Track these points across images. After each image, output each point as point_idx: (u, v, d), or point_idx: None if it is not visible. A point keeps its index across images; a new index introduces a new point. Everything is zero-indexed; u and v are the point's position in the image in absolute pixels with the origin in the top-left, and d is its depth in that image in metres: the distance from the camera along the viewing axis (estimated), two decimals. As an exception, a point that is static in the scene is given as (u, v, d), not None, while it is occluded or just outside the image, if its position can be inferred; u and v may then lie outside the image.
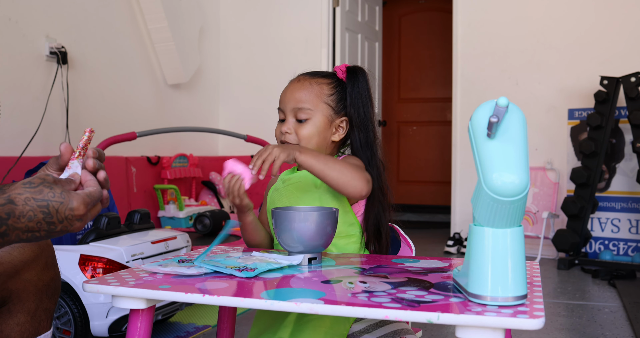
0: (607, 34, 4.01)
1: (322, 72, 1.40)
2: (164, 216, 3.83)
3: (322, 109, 1.33)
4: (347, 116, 1.36)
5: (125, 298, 0.94)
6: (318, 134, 1.33)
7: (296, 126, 1.32)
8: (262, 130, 4.31)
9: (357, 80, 1.36)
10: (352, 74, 1.37)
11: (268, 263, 1.06)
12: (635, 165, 3.76)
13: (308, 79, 1.36)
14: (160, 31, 3.96)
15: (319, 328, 1.11)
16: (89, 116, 3.46)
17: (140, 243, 2.08)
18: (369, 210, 1.32)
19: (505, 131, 0.81)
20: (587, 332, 2.37)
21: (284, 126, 1.33)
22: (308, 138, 1.32)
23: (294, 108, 1.32)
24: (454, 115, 4.48)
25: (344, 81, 1.37)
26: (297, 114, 1.32)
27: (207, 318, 2.47)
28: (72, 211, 0.85)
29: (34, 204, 0.83)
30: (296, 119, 1.33)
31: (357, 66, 1.40)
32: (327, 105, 1.34)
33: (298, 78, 1.38)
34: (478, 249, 0.83)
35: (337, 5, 4.59)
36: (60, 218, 0.84)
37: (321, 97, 1.34)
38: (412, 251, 1.36)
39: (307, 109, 1.32)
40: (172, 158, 4.01)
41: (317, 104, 1.33)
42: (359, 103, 1.35)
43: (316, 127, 1.33)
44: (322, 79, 1.36)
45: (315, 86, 1.34)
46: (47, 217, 0.84)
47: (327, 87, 1.35)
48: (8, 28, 2.98)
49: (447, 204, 4.76)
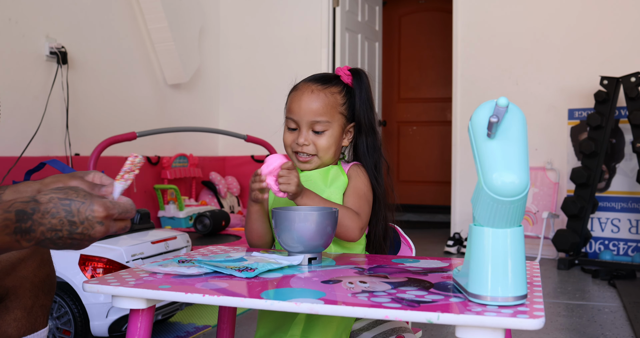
0: (607, 34, 4.01)
1: (329, 78, 1.38)
2: (164, 216, 3.83)
3: (337, 120, 1.34)
4: (355, 120, 1.37)
5: (125, 298, 0.94)
6: (335, 144, 1.35)
7: (313, 138, 1.33)
8: (262, 130, 4.31)
9: (363, 84, 1.37)
10: (358, 78, 1.37)
11: (268, 263, 1.06)
12: (635, 165, 3.76)
13: (322, 90, 1.34)
14: (160, 31, 3.96)
15: (330, 324, 1.12)
16: (89, 116, 3.46)
17: (140, 243, 2.08)
18: (376, 213, 1.34)
19: (505, 131, 0.81)
20: (587, 332, 2.37)
21: (301, 138, 1.33)
22: (326, 149, 1.33)
23: (312, 121, 1.32)
24: (454, 115, 4.48)
25: (349, 86, 1.37)
26: (314, 126, 1.32)
27: (207, 318, 2.47)
28: (92, 213, 0.87)
29: (58, 202, 0.86)
30: (312, 131, 1.33)
31: (359, 68, 1.40)
32: (341, 115, 1.35)
33: (310, 88, 1.34)
34: (478, 249, 0.83)
35: (337, 5, 4.59)
36: (82, 218, 0.86)
37: (336, 108, 1.34)
38: (412, 251, 1.36)
39: (325, 122, 1.32)
40: (172, 158, 4.01)
41: (334, 115, 1.34)
42: (366, 108, 1.37)
43: (334, 138, 1.34)
44: (334, 87, 1.35)
45: (330, 97, 1.34)
46: (68, 215, 0.86)
47: (340, 96, 1.35)
48: (8, 28, 2.98)
49: (447, 204, 4.76)
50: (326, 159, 1.35)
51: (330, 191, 1.31)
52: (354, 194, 1.31)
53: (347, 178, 1.34)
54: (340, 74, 1.38)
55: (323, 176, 1.34)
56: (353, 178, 1.34)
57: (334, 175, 1.34)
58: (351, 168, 1.36)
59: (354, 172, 1.35)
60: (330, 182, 1.33)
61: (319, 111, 1.32)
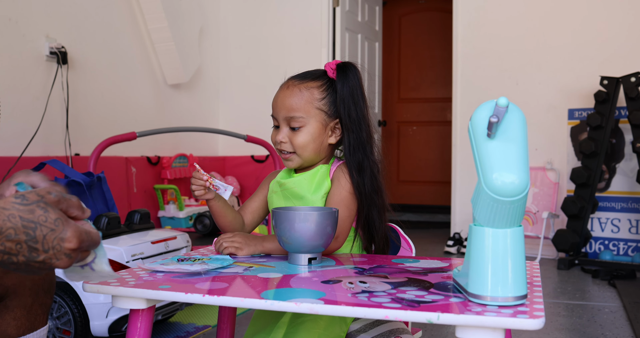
0: (607, 34, 4.01)
1: (312, 74, 1.33)
2: (164, 216, 3.83)
3: (314, 115, 1.29)
4: (338, 116, 1.31)
5: (125, 298, 0.94)
6: (313, 141, 1.29)
7: (290, 135, 1.29)
8: (262, 130, 4.30)
9: (346, 78, 1.30)
10: (342, 72, 1.30)
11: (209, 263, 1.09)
12: (635, 165, 3.76)
13: (297, 85, 1.30)
14: (160, 31, 3.96)
15: (313, 330, 1.10)
16: (89, 116, 3.46)
17: (140, 243, 2.08)
18: (359, 213, 1.29)
19: (505, 131, 0.81)
20: (587, 332, 2.37)
21: (278, 135, 1.30)
22: (303, 146, 1.29)
23: (286, 117, 1.29)
24: (454, 115, 4.48)
25: (334, 80, 1.31)
26: (290, 122, 1.29)
27: (207, 318, 2.47)
28: (62, 242, 0.74)
29: (19, 222, 0.72)
30: (290, 127, 1.30)
31: (347, 62, 1.33)
32: (319, 110, 1.29)
33: (287, 84, 1.31)
34: (478, 249, 0.83)
35: (337, 5, 4.59)
36: (47, 246, 0.73)
37: (312, 103, 1.29)
38: (412, 251, 1.36)
39: (300, 118, 1.28)
40: (172, 158, 4.01)
41: (309, 110, 1.28)
42: (349, 103, 1.29)
43: (310, 134, 1.29)
44: (312, 82, 1.31)
45: (305, 92, 1.29)
46: (30, 241, 0.73)
47: (318, 91, 1.30)
48: (8, 28, 2.98)
49: (447, 204, 4.76)
50: (306, 156, 1.30)
51: (313, 198, 1.28)
52: (332, 202, 1.27)
53: (330, 182, 1.30)
54: (326, 68, 1.33)
55: (309, 181, 1.30)
56: (334, 182, 1.29)
57: (319, 179, 1.31)
58: (335, 171, 1.31)
59: (336, 175, 1.30)
60: (315, 188, 1.29)
61: (293, 106, 1.28)
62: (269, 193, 1.38)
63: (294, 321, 1.13)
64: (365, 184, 1.27)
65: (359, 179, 1.27)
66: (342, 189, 1.27)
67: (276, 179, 1.37)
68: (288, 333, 1.11)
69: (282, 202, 1.32)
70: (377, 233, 1.30)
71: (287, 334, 1.11)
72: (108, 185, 2.31)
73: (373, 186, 1.28)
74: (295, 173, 1.36)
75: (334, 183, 1.29)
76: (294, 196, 1.31)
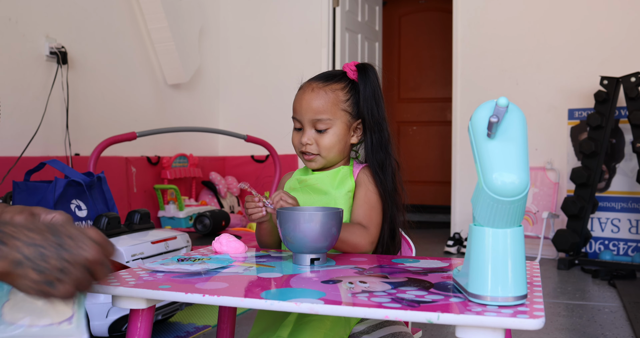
0: (607, 34, 4.01)
1: (332, 75, 1.35)
2: (164, 216, 3.83)
3: (340, 117, 1.31)
4: (361, 117, 1.34)
5: (125, 298, 0.94)
6: (339, 142, 1.32)
7: (316, 137, 1.31)
8: (262, 130, 4.31)
9: (368, 79, 1.33)
10: (363, 73, 1.33)
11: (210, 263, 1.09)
12: (635, 165, 3.76)
13: (322, 87, 1.31)
14: (160, 31, 3.96)
15: (319, 330, 1.11)
16: (89, 116, 3.46)
17: (140, 243, 2.08)
18: (385, 212, 1.31)
19: (505, 131, 0.81)
20: (587, 332, 2.37)
21: (304, 137, 1.31)
22: (330, 147, 1.31)
23: (313, 119, 1.30)
24: (454, 115, 4.48)
25: (355, 82, 1.34)
26: (316, 125, 1.30)
27: (207, 318, 2.47)
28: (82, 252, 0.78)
29: None
30: (315, 129, 1.31)
31: (366, 63, 1.36)
32: (344, 112, 1.32)
33: (311, 86, 1.32)
34: (478, 249, 0.83)
35: (337, 5, 4.59)
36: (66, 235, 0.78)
37: (338, 104, 1.31)
38: (412, 251, 1.36)
39: (327, 120, 1.30)
40: (172, 158, 4.01)
41: (335, 112, 1.30)
42: (371, 103, 1.32)
43: (337, 136, 1.31)
44: (336, 84, 1.33)
45: (331, 94, 1.31)
46: None
47: (342, 93, 1.32)
48: (8, 28, 2.98)
49: (447, 204, 4.76)
50: (330, 157, 1.33)
51: (337, 194, 1.30)
52: (363, 206, 1.28)
53: (355, 183, 1.31)
54: (346, 70, 1.35)
55: (332, 178, 1.32)
56: (362, 185, 1.31)
57: (342, 177, 1.32)
58: (360, 173, 1.33)
59: (362, 178, 1.32)
60: (337, 184, 1.31)
61: (319, 108, 1.30)
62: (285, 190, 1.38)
63: (300, 320, 1.14)
64: (388, 182, 1.30)
65: (383, 177, 1.30)
66: (371, 193, 1.30)
67: (294, 177, 1.38)
68: (294, 331, 1.11)
69: (302, 197, 1.32)
70: (398, 231, 1.34)
71: (294, 332, 1.11)
72: (108, 185, 2.31)
73: (393, 184, 1.31)
74: (313, 171, 1.37)
75: (362, 186, 1.31)
76: (315, 192, 1.32)
